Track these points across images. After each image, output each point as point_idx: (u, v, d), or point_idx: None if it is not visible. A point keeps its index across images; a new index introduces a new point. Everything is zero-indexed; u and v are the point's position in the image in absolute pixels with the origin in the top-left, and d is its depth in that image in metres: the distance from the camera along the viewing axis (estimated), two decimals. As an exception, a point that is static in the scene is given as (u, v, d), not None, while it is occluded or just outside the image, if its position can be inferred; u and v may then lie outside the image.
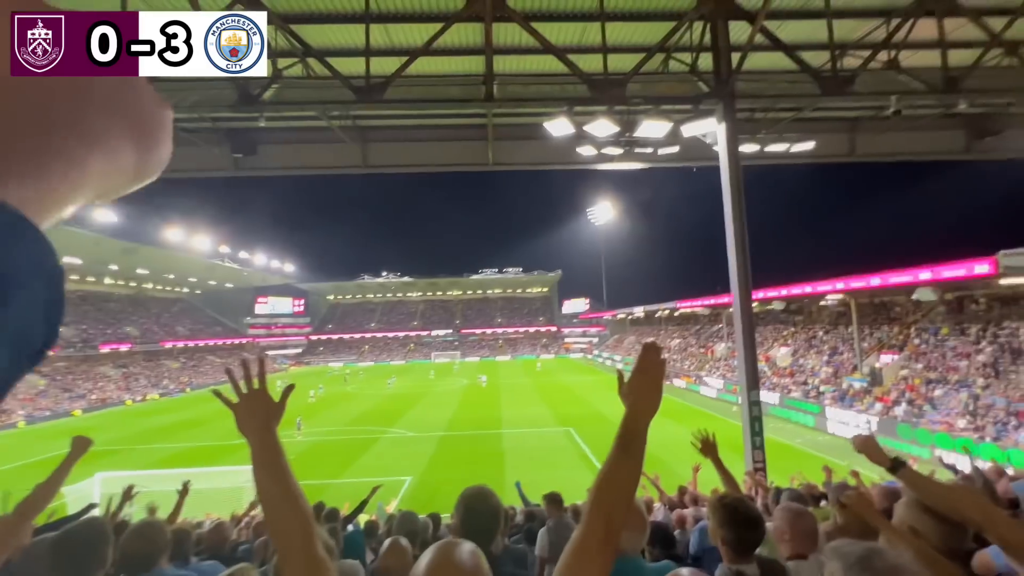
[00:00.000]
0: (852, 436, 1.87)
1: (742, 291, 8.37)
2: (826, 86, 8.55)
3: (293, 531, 1.05)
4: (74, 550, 1.65)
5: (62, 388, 41.43)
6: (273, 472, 1.10)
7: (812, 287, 25.77)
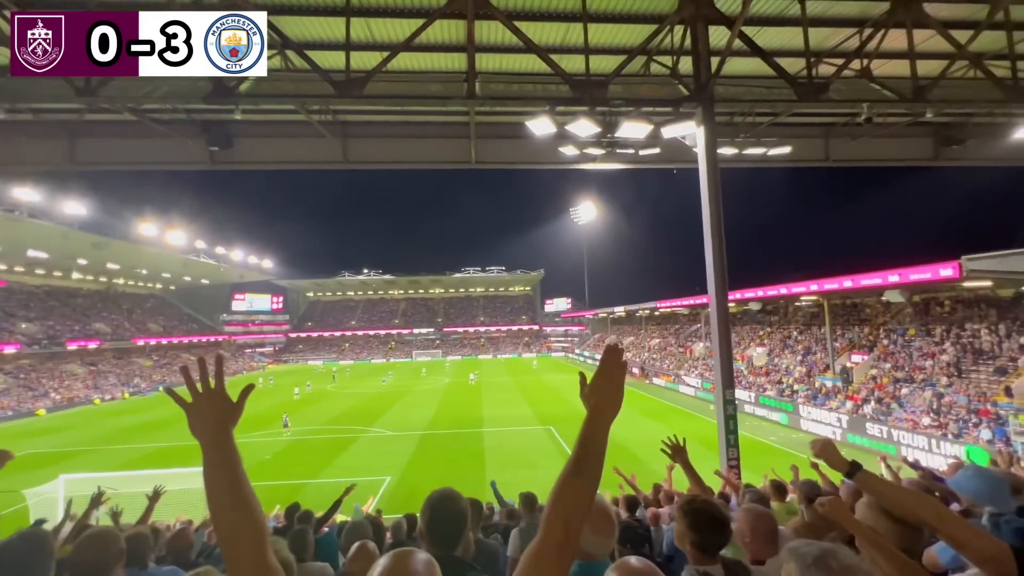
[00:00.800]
0: (811, 441, 1.91)
1: (719, 291, 8.52)
2: (802, 92, 8.75)
3: (242, 538, 1.02)
4: (10, 567, 1.55)
5: (26, 387, 39.82)
6: (226, 475, 1.07)
7: (788, 288, 26.38)
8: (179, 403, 1.17)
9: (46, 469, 18.18)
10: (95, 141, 11.10)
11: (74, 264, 51.89)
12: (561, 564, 1.01)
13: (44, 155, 11.04)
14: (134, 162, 11.48)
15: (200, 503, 12.71)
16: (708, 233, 8.68)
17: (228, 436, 1.13)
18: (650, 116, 9.52)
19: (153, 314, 66.23)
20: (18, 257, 46.05)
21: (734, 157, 11.31)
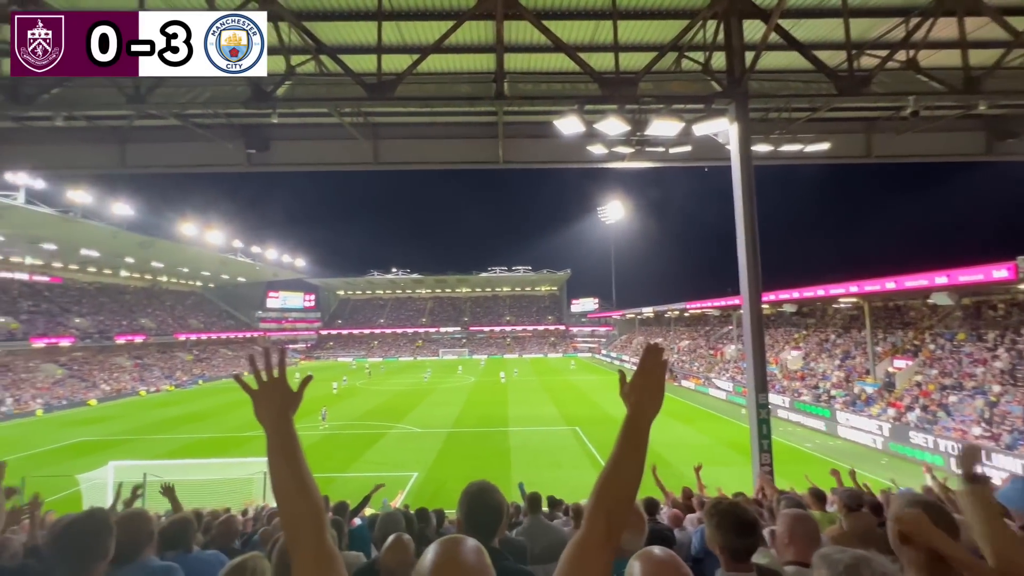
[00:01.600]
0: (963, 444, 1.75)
1: (752, 293, 8.29)
2: (842, 86, 8.41)
3: (304, 519, 1.07)
4: (77, 541, 1.68)
5: (79, 378, 42.28)
6: (287, 460, 1.12)
7: (825, 290, 25.40)
8: (246, 390, 1.21)
9: (96, 456, 19.27)
10: (143, 145, 11.69)
11: (122, 262, 54.74)
12: (604, 559, 1.02)
13: (97, 159, 11.69)
14: (178, 165, 12.02)
15: (237, 491, 13.23)
16: (741, 232, 8.45)
17: (289, 423, 1.18)
18: (681, 113, 9.34)
19: (193, 311, 69.22)
20: (72, 255, 48.89)
21: (769, 154, 10.98)
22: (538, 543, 2.96)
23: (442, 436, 23.85)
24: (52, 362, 42.75)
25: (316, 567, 1.03)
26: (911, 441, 18.47)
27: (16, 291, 45.97)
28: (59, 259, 49.42)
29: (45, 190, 34.70)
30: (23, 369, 39.73)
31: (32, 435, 27.01)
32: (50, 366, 42.03)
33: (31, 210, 34.24)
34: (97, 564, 1.69)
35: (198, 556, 2.64)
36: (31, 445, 24.35)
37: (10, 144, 11.47)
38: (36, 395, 36.48)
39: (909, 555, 1.45)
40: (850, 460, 18.14)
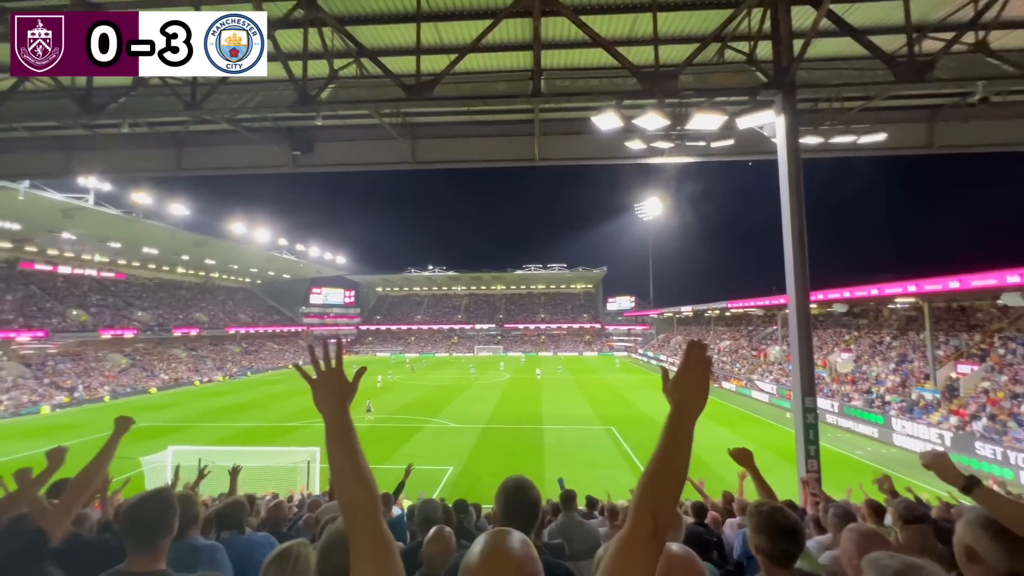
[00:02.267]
0: (920, 451, 1.74)
1: (799, 292, 7.92)
2: (901, 72, 7.88)
3: (361, 504, 1.12)
4: (146, 518, 1.80)
5: (141, 367, 45.34)
6: (344, 447, 1.18)
7: (880, 289, 23.96)
8: (306, 379, 1.28)
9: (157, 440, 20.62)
10: (197, 149, 12.38)
11: (179, 260, 58.23)
12: (650, 556, 1.02)
13: (157, 163, 12.47)
14: (229, 167, 12.66)
15: (283, 478, 13.84)
16: (788, 229, 8.09)
17: (346, 411, 1.24)
18: (724, 106, 9.02)
19: (243, 305, 72.82)
20: (135, 253, 52.43)
21: (818, 147, 10.45)
22: (573, 540, 2.95)
23: (477, 432, 24.11)
24: (117, 352, 46.05)
25: (373, 551, 1.08)
26: (977, 452, 17.21)
27: (87, 286, 49.81)
28: (123, 256, 53.11)
29: (111, 192, 37.33)
30: (93, 358, 42.99)
31: (101, 419, 29.19)
32: (116, 356, 45.29)
33: (99, 211, 36.96)
34: (163, 540, 1.82)
35: (250, 537, 2.79)
36: (100, 429, 26.32)
37: (82, 150, 12.42)
38: (104, 382, 39.39)
39: (976, 572, 1.37)
40: (906, 470, 17.10)
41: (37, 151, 12.36)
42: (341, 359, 1.31)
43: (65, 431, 25.81)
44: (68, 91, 8.79)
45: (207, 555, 2.32)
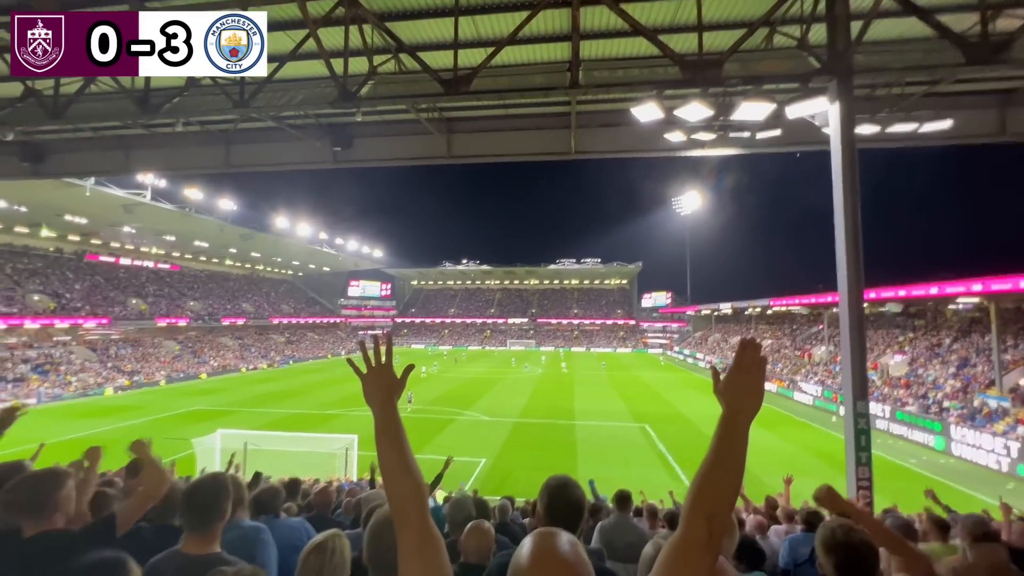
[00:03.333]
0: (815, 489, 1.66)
1: (852, 290, 7.48)
2: (972, 54, 7.26)
3: (408, 498, 1.13)
4: (203, 500, 1.91)
5: (192, 354, 48.00)
6: (392, 441, 1.19)
7: (939, 287, 22.44)
8: (357, 373, 1.31)
9: (207, 423, 21.79)
10: (244, 147, 12.89)
11: (227, 252, 61.15)
12: (705, 562, 0.99)
13: (207, 160, 13.07)
14: (273, 163, 13.12)
15: (323, 464, 14.33)
16: (841, 224, 7.64)
17: (394, 405, 1.26)
18: (772, 94, 8.58)
19: (286, 297, 75.81)
20: (187, 246, 55.40)
21: (875, 136, 9.80)
22: (621, 541, 2.90)
23: (509, 425, 24.24)
24: (172, 339, 48.90)
25: (420, 544, 1.08)
26: (1046, 465, 15.92)
27: (144, 277, 53.09)
28: (177, 249, 56.23)
29: (166, 188, 39.56)
30: (150, 345, 45.84)
31: (157, 402, 31.15)
32: (170, 343, 48.11)
33: (156, 206, 39.25)
34: (217, 522, 1.93)
35: (285, 522, 2.88)
36: (156, 411, 28.09)
37: (140, 149, 13.16)
38: (160, 368, 41.96)
39: None
40: (966, 482, 16.04)
41: (100, 150, 13.20)
42: (391, 355, 1.32)
43: (127, 411, 27.67)
44: (128, 92, 9.30)
45: (253, 535, 2.41)
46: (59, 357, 36.90)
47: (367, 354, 1.33)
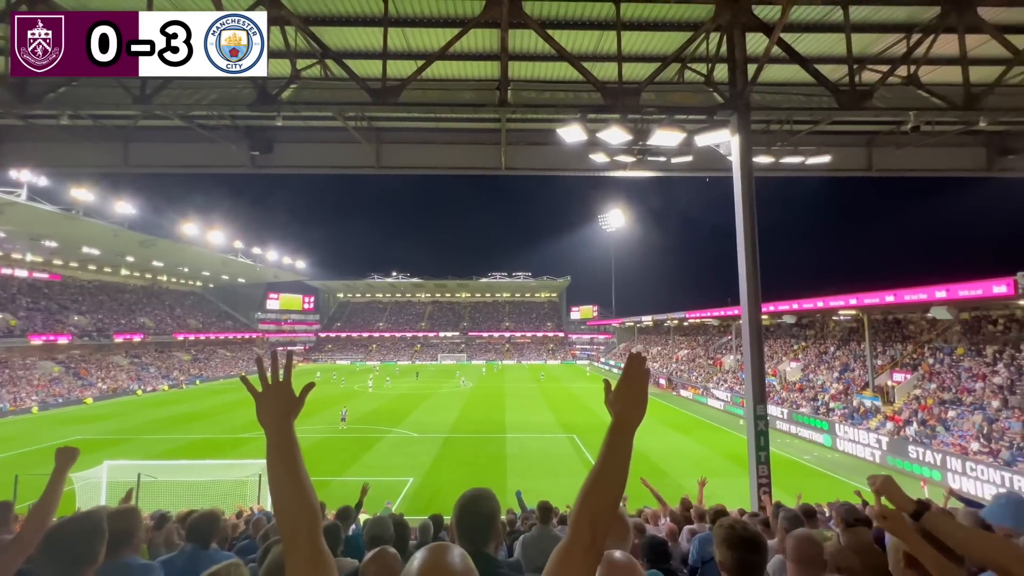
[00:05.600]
0: (869, 476, 1.80)
1: (751, 303, 8.29)
2: (843, 100, 8.47)
3: (300, 522, 1.08)
4: (68, 545, 1.66)
5: (75, 376, 42.13)
6: (285, 463, 1.13)
7: (824, 302, 25.41)
8: (251, 391, 1.24)
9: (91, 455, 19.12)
10: (147, 145, 11.73)
11: (123, 261, 54.77)
12: (588, 566, 1.04)
13: (101, 158, 11.73)
14: (181, 165, 12.07)
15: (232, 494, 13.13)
16: (741, 243, 8.47)
17: (290, 426, 1.19)
18: (683, 124, 9.39)
19: (193, 311, 69.12)
20: (73, 253, 48.91)
21: (770, 166, 11.02)
22: (542, 553, 2.94)
23: (439, 441, 23.74)
24: (50, 359, 42.63)
25: (310, 569, 1.04)
26: (909, 456, 18.40)
27: (15, 288, 45.91)
28: (60, 256, 49.43)
29: (48, 187, 34.82)
30: (20, 366, 39.59)
31: (27, 433, 26.87)
32: (47, 363, 41.90)
33: (33, 207, 34.29)
34: (86, 568, 1.66)
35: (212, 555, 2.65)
36: (26, 443, 24.22)
37: (15, 142, 11.51)
38: (32, 392, 36.33)
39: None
40: (848, 474, 18.07)
41: (-38, 140, 11.38)
42: (290, 372, 1.26)
43: None
44: (1, 78, 8.16)
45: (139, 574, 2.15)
46: None
47: (263, 371, 1.26)
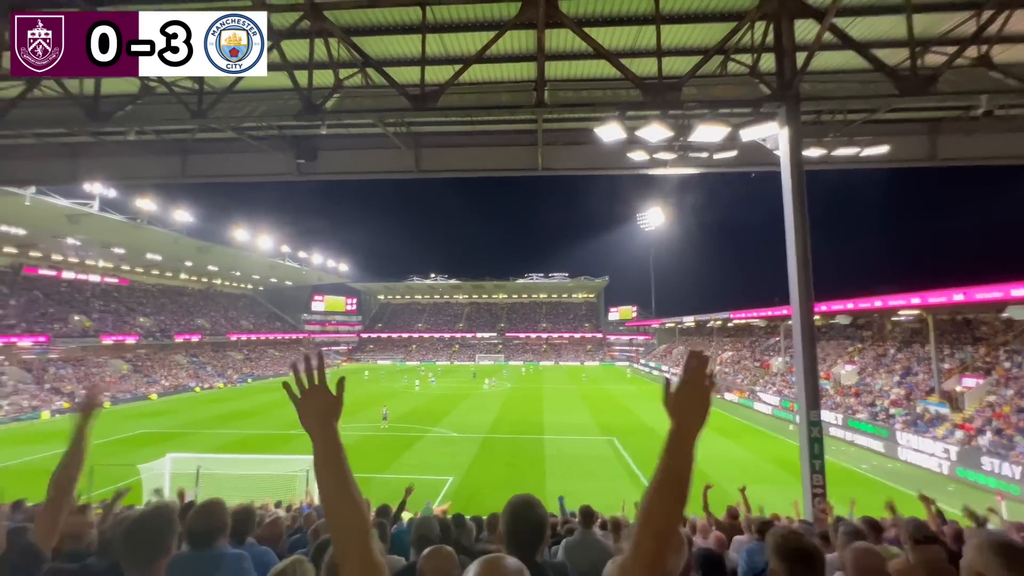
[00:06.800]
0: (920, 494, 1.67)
1: (803, 303, 7.88)
2: (904, 86, 7.91)
3: (351, 531, 1.07)
4: (144, 537, 1.74)
5: (142, 373, 45.27)
6: (332, 471, 1.11)
7: (883, 300, 23.87)
8: (292, 398, 1.20)
9: (156, 447, 20.50)
10: (202, 157, 12.46)
11: (182, 266, 58.38)
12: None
13: (162, 169, 12.55)
14: (233, 174, 12.74)
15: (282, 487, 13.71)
16: (791, 240, 8.07)
17: (334, 430, 1.16)
18: (727, 118, 9.06)
19: (245, 312, 72.84)
20: (138, 259, 52.58)
21: (821, 159, 10.47)
22: (584, 558, 2.89)
23: (478, 441, 23.93)
24: (119, 358, 45.99)
25: None
26: (982, 467, 16.98)
27: (89, 292, 49.90)
28: (127, 262, 53.28)
29: (116, 198, 37.60)
30: (94, 364, 42.94)
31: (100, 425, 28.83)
32: (117, 361, 45.23)
33: (104, 217, 37.15)
34: (160, 560, 1.75)
35: (251, 549, 2.74)
36: (98, 435, 26.13)
37: (89, 157, 12.51)
38: (104, 388, 39.29)
39: None
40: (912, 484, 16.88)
41: (44, 157, 12.45)
42: (323, 373, 1.21)
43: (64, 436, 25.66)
44: (76, 99, 8.86)
45: (234, 563, 2.28)
46: (-11, 378, 34.07)
47: (299, 376, 1.20)
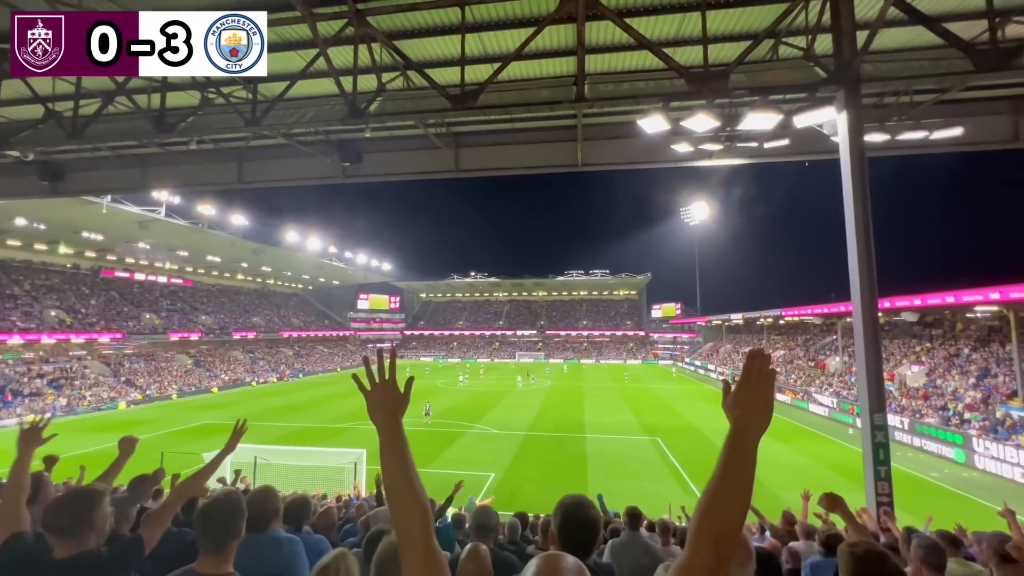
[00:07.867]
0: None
1: (866, 299, 7.36)
2: (982, 61, 7.21)
3: (413, 521, 1.09)
4: (219, 519, 1.88)
5: (204, 368, 48.38)
6: (397, 462, 1.16)
7: (956, 296, 22.05)
8: (361, 390, 1.27)
9: (218, 437, 21.86)
10: (256, 163, 13.13)
11: (238, 267, 61.90)
12: None
13: (221, 176, 13.32)
14: (284, 179, 13.33)
15: (331, 478, 14.27)
16: (852, 233, 7.55)
17: (398, 423, 1.22)
18: (779, 104, 8.60)
19: (296, 311, 76.36)
20: (200, 261, 56.19)
21: (885, 144, 9.73)
22: (631, 560, 2.82)
23: (519, 438, 24.01)
24: (184, 353, 49.36)
25: (425, 568, 1.06)
26: (1075, 479, 15.39)
27: (158, 292, 53.84)
28: (190, 264, 57.06)
29: (180, 204, 40.26)
30: (163, 359, 46.29)
31: (169, 416, 31.33)
32: (183, 357, 48.56)
33: (170, 222, 39.94)
34: (231, 542, 1.90)
35: (306, 537, 2.86)
36: (168, 424, 28.25)
37: (156, 166, 13.46)
38: (172, 381, 42.29)
39: None
40: (992, 495, 15.54)
41: (117, 168, 13.51)
42: (395, 369, 1.29)
43: (139, 425, 27.88)
44: (144, 112, 9.54)
45: (288, 547, 2.40)
46: (74, 371, 37.37)
47: (371, 369, 1.29)
